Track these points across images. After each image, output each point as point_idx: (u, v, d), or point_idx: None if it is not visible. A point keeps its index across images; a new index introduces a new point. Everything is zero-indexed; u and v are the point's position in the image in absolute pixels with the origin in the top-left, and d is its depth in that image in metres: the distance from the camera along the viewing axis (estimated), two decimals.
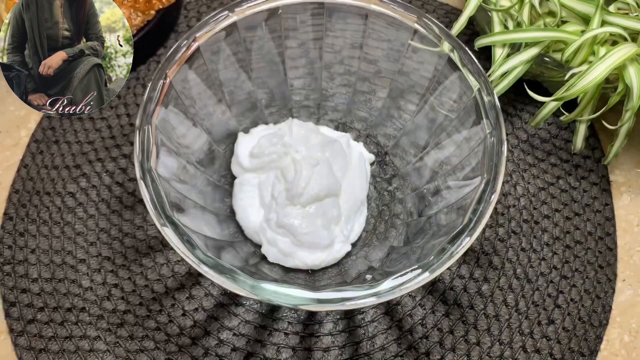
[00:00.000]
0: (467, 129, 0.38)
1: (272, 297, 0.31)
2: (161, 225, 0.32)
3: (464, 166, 0.38)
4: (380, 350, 0.42)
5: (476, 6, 0.44)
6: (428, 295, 0.44)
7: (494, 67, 0.44)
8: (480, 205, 0.34)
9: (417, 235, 0.41)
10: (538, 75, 0.47)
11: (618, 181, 0.49)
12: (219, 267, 0.32)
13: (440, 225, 0.38)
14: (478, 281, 0.44)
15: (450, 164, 0.40)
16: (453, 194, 0.39)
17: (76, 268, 0.44)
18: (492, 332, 0.43)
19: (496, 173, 0.34)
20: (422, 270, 0.32)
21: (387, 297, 0.32)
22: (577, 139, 0.47)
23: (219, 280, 0.32)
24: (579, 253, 0.46)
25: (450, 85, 0.39)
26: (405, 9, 0.38)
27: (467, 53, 0.37)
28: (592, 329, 0.44)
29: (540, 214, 0.47)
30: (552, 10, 0.46)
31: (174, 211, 0.34)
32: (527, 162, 0.48)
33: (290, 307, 0.33)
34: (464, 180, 0.38)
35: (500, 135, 0.35)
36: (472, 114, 0.37)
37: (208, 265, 0.32)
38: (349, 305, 0.31)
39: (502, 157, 0.35)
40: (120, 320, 0.43)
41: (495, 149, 0.35)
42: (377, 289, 0.32)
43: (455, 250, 0.32)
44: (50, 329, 0.42)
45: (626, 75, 0.41)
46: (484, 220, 0.33)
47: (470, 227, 0.33)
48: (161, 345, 0.42)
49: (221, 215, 0.43)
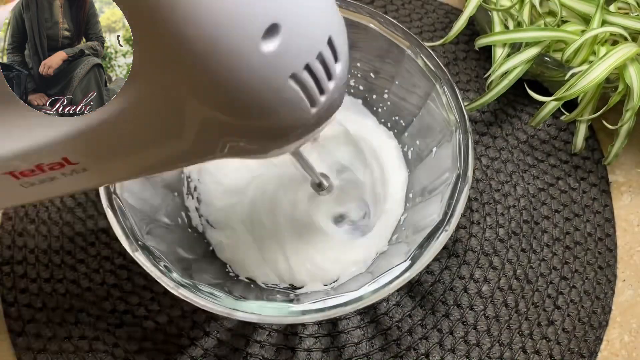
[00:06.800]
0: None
1: (258, 311, 0.31)
2: (133, 251, 0.33)
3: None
4: (380, 350, 0.42)
5: (476, 6, 0.44)
6: (428, 295, 0.44)
7: (494, 67, 0.44)
8: (453, 199, 0.34)
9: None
10: (538, 75, 0.47)
11: (618, 181, 0.49)
12: (197, 288, 0.32)
13: (417, 226, 0.39)
14: (478, 282, 0.44)
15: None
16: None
17: (75, 268, 0.44)
18: (492, 333, 0.43)
19: (466, 166, 0.35)
20: (405, 268, 0.33)
21: (370, 300, 0.32)
22: (577, 139, 0.47)
23: (198, 302, 0.32)
24: (579, 254, 0.46)
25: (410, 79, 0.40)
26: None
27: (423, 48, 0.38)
28: (591, 330, 0.43)
29: (540, 215, 0.46)
30: (553, 10, 0.46)
31: (144, 235, 0.34)
32: (527, 163, 0.48)
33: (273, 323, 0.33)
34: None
35: (465, 128, 0.36)
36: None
37: (186, 288, 0.32)
38: (333, 313, 0.32)
39: (469, 150, 0.35)
40: (119, 321, 0.42)
41: (463, 142, 0.35)
42: (360, 293, 0.32)
43: (433, 245, 0.33)
44: (49, 329, 0.42)
45: (626, 75, 0.41)
46: (457, 212, 0.34)
47: (445, 221, 0.34)
48: (160, 345, 0.42)
49: (193, 233, 0.43)
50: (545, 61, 0.44)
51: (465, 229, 0.46)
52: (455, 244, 0.45)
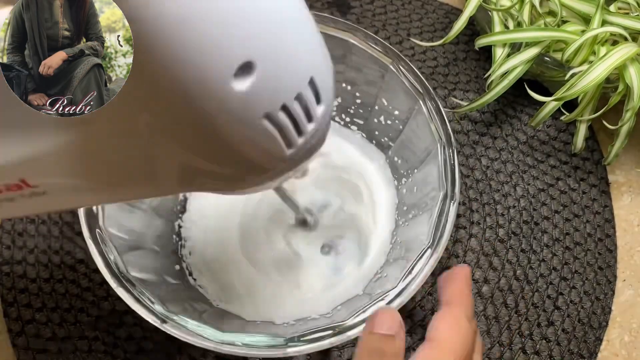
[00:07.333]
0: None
1: (247, 342, 0.32)
2: (117, 286, 0.33)
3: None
4: None
5: (476, 6, 0.44)
6: (428, 296, 0.44)
7: (494, 67, 0.44)
8: (442, 220, 0.34)
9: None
10: (538, 75, 0.47)
11: (618, 181, 0.49)
12: (181, 324, 0.33)
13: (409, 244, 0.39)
14: (478, 282, 0.44)
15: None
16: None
17: (75, 268, 0.44)
18: (491, 334, 0.43)
19: (453, 184, 0.35)
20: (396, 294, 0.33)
21: (354, 331, 0.32)
22: (577, 139, 0.46)
23: (183, 335, 0.32)
24: (579, 255, 0.46)
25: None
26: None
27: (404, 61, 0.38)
28: (591, 331, 0.43)
29: (540, 216, 0.46)
30: (553, 9, 0.46)
31: (127, 267, 0.34)
32: (527, 164, 0.48)
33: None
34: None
35: (452, 149, 0.35)
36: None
37: (169, 323, 0.33)
38: (324, 344, 0.32)
39: (456, 169, 0.35)
40: (119, 321, 0.42)
41: (450, 161, 0.35)
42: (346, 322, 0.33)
43: (422, 269, 0.33)
44: (49, 329, 0.42)
45: (626, 75, 0.41)
46: (445, 235, 0.34)
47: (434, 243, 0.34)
48: (160, 346, 0.42)
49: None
50: (545, 61, 0.44)
51: (465, 230, 0.46)
52: (455, 244, 0.45)
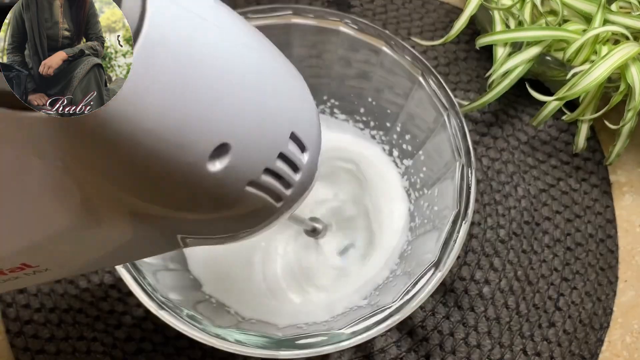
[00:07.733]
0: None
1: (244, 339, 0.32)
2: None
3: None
4: (380, 352, 0.42)
5: (477, 5, 0.44)
6: (428, 297, 0.43)
7: (495, 67, 0.44)
8: (453, 236, 0.34)
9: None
10: (540, 74, 0.47)
11: (620, 181, 0.49)
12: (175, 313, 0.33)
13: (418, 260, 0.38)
14: (479, 283, 0.44)
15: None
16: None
17: None
18: (492, 335, 0.43)
19: (467, 204, 0.34)
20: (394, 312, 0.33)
21: (356, 341, 0.32)
22: (578, 139, 0.46)
23: (177, 324, 0.32)
24: (580, 255, 0.45)
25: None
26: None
27: (437, 78, 0.37)
28: (592, 332, 0.43)
29: (541, 216, 0.46)
30: (554, 9, 0.46)
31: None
32: (528, 164, 0.48)
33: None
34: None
35: (469, 164, 0.35)
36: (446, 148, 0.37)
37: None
38: (318, 351, 0.32)
39: (472, 189, 0.35)
40: (118, 322, 0.42)
41: (466, 180, 0.35)
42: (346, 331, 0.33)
43: (425, 287, 0.33)
44: (47, 330, 0.42)
45: (628, 75, 0.41)
46: (453, 254, 0.33)
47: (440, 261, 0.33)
48: (159, 347, 0.42)
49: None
50: (546, 61, 0.44)
51: None
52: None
